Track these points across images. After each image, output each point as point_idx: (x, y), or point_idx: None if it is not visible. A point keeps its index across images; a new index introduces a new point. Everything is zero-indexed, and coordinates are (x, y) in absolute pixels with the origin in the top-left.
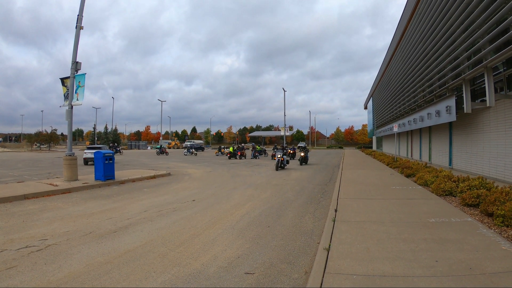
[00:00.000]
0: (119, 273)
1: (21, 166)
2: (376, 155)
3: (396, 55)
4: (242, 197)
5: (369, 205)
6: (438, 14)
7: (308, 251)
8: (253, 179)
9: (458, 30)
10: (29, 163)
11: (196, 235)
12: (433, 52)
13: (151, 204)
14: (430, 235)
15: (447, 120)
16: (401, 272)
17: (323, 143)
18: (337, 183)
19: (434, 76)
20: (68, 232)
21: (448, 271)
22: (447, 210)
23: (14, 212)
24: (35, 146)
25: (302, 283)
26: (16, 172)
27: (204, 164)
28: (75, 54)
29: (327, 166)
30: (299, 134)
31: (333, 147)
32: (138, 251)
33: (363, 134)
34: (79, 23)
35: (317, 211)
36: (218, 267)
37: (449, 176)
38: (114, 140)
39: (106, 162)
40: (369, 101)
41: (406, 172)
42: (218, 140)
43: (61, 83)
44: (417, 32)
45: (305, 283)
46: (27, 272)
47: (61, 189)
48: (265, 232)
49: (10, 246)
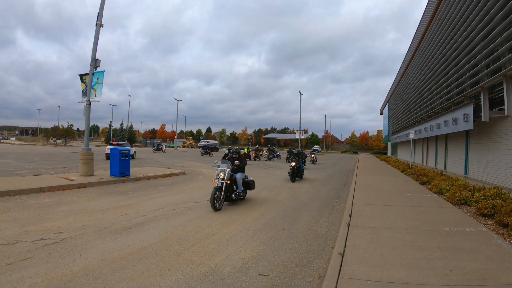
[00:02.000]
0: (134, 269)
1: (37, 159)
2: (391, 161)
3: (414, 61)
4: (257, 199)
5: (383, 211)
6: (457, 21)
7: (322, 255)
8: (268, 181)
9: (478, 37)
10: (45, 156)
11: (211, 234)
12: (452, 59)
13: (166, 202)
14: (444, 244)
15: (464, 128)
16: (415, 280)
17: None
18: (352, 188)
19: (452, 83)
20: (83, 227)
21: (462, 280)
22: (462, 219)
23: (30, 205)
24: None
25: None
26: (32, 165)
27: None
28: (94, 51)
29: (341, 171)
30: (313, 137)
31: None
32: (152, 248)
33: (378, 139)
34: (99, 21)
35: (332, 216)
36: (232, 268)
37: (465, 185)
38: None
39: (122, 159)
40: (385, 106)
41: (421, 180)
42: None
43: (80, 79)
44: (436, 38)
45: (319, 287)
46: (42, 264)
47: (77, 184)
48: (279, 234)
49: (26, 237)
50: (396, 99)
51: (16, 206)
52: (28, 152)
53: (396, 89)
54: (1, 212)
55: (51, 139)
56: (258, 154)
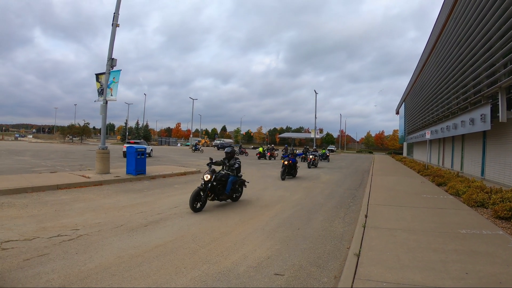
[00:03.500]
0: (150, 266)
1: (53, 157)
2: (406, 161)
3: (430, 60)
4: (272, 198)
5: (399, 213)
6: (474, 19)
7: (338, 256)
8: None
9: (495, 36)
10: (61, 154)
11: (226, 233)
12: (469, 58)
13: (182, 201)
14: (460, 246)
15: (482, 128)
16: (431, 283)
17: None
18: (367, 189)
19: (469, 83)
20: (100, 224)
21: (478, 284)
22: (479, 222)
23: (47, 201)
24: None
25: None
26: (49, 162)
27: None
28: (111, 51)
29: (356, 171)
30: (329, 137)
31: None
32: (168, 246)
33: (394, 139)
34: (115, 21)
35: (347, 216)
36: (248, 267)
37: (482, 186)
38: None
39: (138, 157)
40: (401, 106)
41: (437, 181)
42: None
43: (96, 78)
44: (453, 37)
45: None
46: (59, 260)
47: (93, 181)
48: (295, 234)
49: (43, 234)
50: (412, 98)
51: (33, 202)
52: (45, 149)
53: (412, 88)
54: (19, 209)
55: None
56: (274, 153)
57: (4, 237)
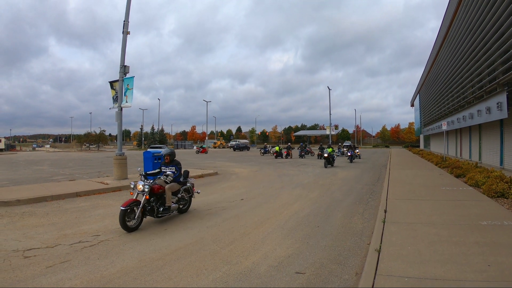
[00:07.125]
0: (171, 269)
1: (71, 165)
2: (424, 154)
3: (443, 49)
4: (290, 197)
5: (418, 206)
6: (486, 4)
7: (359, 252)
8: (300, 178)
9: (509, 20)
10: (79, 162)
11: (246, 233)
12: (483, 44)
13: (200, 203)
14: (482, 238)
15: (498, 117)
16: (453, 276)
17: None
18: (385, 183)
19: (483, 71)
20: (120, 229)
21: (501, 276)
22: (499, 213)
23: (67, 209)
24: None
25: (353, 284)
26: (67, 171)
27: (250, 164)
28: (123, 58)
29: (374, 166)
30: (344, 133)
31: (379, 146)
32: (189, 248)
33: (410, 132)
34: (125, 29)
35: (366, 212)
36: (268, 266)
37: (501, 176)
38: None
39: (155, 161)
40: (416, 97)
41: (456, 172)
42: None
43: (110, 86)
44: (465, 24)
45: (356, 284)
46: (81, 266)
47: (112, 187)
48: (314, 232)
49: (64, 241)
50: (427, 89)
51: (53, 210)
52: (63, 158)
53: (426, 79)
54: (40, 217)
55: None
56: (290, 152)
57: (26, 245)
